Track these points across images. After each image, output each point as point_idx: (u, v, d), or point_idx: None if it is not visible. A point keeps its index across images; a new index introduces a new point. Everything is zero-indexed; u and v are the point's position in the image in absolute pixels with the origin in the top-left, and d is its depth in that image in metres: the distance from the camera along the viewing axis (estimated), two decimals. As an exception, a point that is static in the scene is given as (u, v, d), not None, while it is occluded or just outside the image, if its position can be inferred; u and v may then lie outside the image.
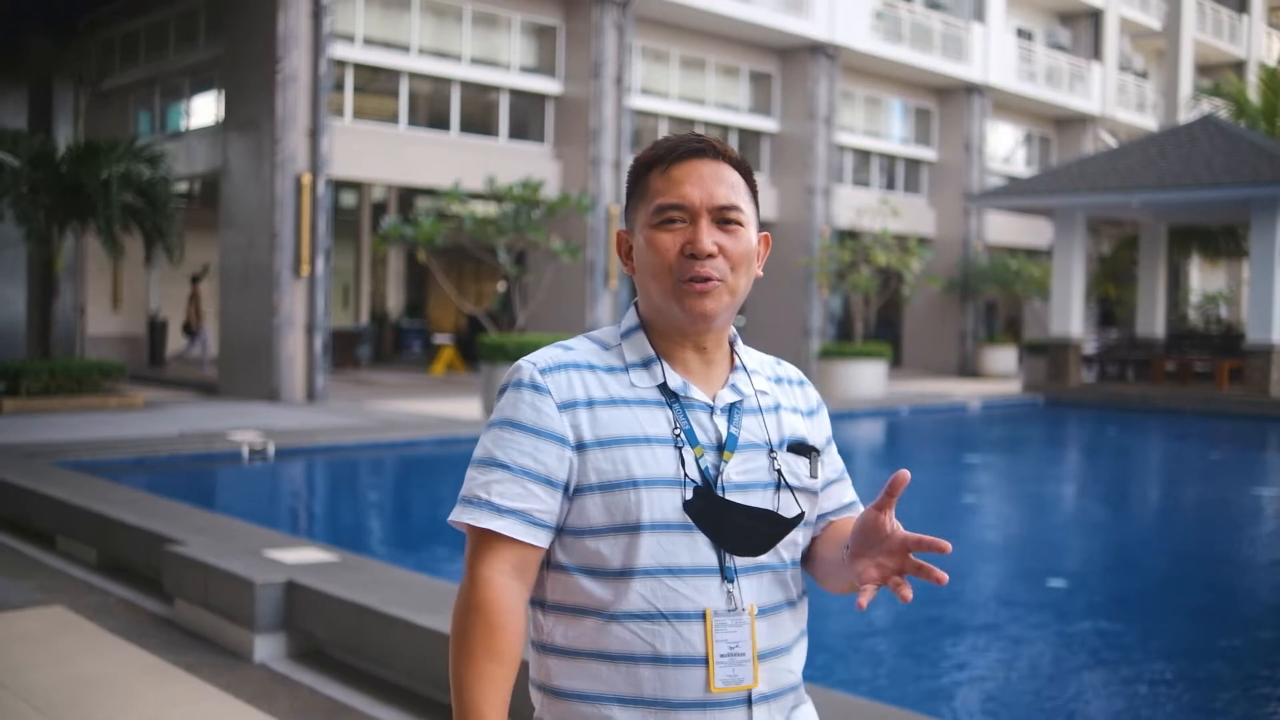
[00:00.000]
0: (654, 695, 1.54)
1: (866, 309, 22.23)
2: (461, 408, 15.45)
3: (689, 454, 1.57)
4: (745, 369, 1.68)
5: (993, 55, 28.07)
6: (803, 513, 1.64)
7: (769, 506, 1.61)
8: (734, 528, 1.57)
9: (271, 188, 16.57)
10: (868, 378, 19.14)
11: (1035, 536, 9.38)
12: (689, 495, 1.56)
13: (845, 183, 26.29)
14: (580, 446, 1.56)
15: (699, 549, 1.56)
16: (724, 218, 1.60)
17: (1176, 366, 21.76)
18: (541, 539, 1.56)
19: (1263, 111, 23.51)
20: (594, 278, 20.14)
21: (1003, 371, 26.60)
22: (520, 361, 1.63)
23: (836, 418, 1.50)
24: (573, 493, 1.57)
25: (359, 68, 18.90)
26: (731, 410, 1.63)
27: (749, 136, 24.59)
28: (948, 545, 1.49)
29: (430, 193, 21.11)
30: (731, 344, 1.70)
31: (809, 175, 24.03)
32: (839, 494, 1.76)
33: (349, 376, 21.03)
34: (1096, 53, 31.88)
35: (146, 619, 5.89)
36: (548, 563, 1.60)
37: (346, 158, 17.98)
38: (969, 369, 27.28)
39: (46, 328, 16.21)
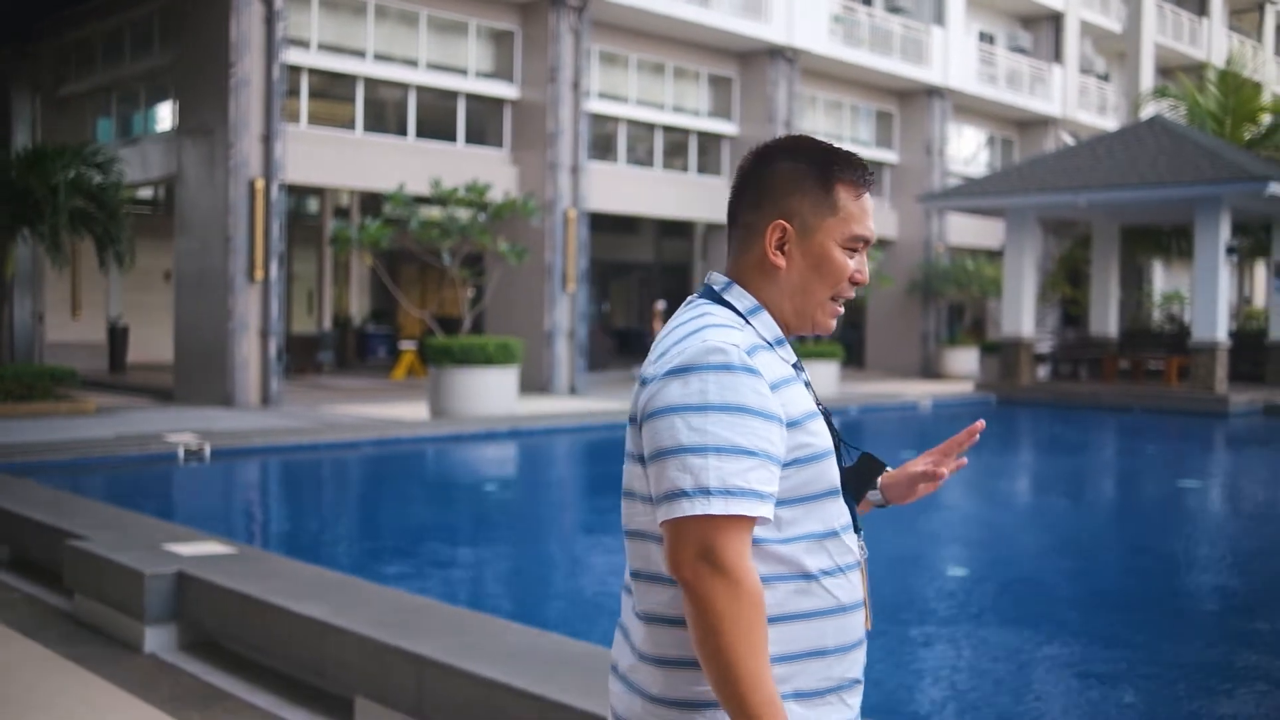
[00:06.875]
0: (837, 643, 1.67)
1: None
2: (409, 410, 15.55)
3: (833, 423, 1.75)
4: None
5: (953, 58, 28.31)
6: None
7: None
8: (869, 483, 1.79)
9: (225, 193, 16.66)
10: (820, 377, 19.31)
11: (940, 525, 9.53)
12: (851, 459, 1.75)
13: (806, 185, 26.42)
14: (791, 424, 1.63)
15: (843, 507, 1.72)
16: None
17: (1130, 365, 21.99)
18: None
19: (1211, 113, 23.76)
20: (552, 280, 20.25)
21: (964, 372, 26.67)
22: (718, 342, 1.62)
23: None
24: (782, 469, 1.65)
25: (314, 73, 19.00)
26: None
27: (708, 140, 24.75)
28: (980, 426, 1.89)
29: (391, 198, 21.25)
30: None
31: (769, 178, 24.12)
32: None
33: (309, 381, 21.12)
34: (1058, 55, 32.17)
35: (47, 613, 6.00)
36: None
37: (302, 163, 18.06)
38: (931, 370, 27.45)
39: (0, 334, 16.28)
